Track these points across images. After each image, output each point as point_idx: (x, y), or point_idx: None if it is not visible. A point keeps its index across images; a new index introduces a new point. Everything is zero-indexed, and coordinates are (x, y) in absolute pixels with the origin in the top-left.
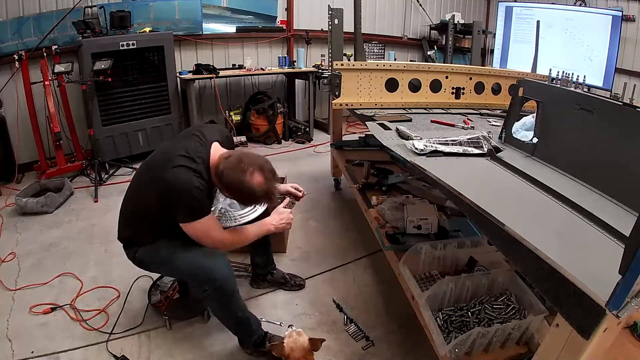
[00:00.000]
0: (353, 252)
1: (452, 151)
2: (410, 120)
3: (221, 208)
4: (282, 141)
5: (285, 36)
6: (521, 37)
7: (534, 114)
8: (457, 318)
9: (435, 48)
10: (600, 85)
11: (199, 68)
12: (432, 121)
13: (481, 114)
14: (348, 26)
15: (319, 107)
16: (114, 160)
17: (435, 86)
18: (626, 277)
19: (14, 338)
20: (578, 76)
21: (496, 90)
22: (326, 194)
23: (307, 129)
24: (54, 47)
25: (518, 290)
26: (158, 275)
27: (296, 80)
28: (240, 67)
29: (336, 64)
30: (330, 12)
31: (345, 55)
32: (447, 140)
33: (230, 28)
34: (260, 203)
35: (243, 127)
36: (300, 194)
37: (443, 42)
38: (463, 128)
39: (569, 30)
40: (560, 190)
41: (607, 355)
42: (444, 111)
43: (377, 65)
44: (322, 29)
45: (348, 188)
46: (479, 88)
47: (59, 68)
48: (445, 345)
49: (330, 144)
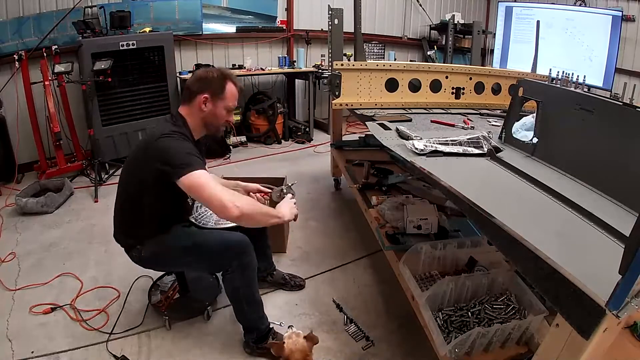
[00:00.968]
0: (353, 252)
1: (452, 151)
2: (410, 120)
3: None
4: (282, 141)
5: (285, 36)
6: (521, 37)
7: (534, 114)
8: (457, 318)
9: (435, 48)
10: (600, 85)
11: (199, 68)
12: (432, 121)
13: (481, 114)
14: (348, 26)
15: (319, 107)
16: (114, 160)
17: (435, 86)
18: (626, 277)
19: (14, 338)
20: (578, 76)
21: (496, 90)
22: (326, 194)
23: (307, 129)
24: (54, 47)
25: (518, 290)
26: (157, 275)
27: (296, 80)
28: (240, 67)
29: (336, 64)
30: (330, 12)
31: (345, 55)
32: (447, 140)
33: (230, 28)
34: (223, 80)
35: (243, 127)
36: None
37: (443, 42)
38: (463, 128)
39: (569, 30)
40: (560, 190)
41: (607, 355)
42: (444, 111)
43: (377, 65)
44: (322, 29)
45: (348, 188)
46: (479, 88)
47: (59, 68)
48: (445, 345)
49: (330, 144)
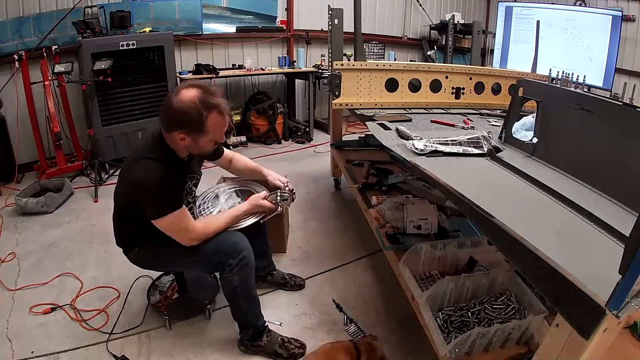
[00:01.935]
0: (353, 252)
1: (452, 151)
2: (410, 120)
3: (221, 209)
4: (282, 141)
5: (285, 36)
6: (521, 37)
7: (534, 114)
8: (457, 318)
9: (435, 48)
10: (600, 85)
11: (199, 68)
12: (432, 121)
13: (481, 114)
14: (348, 26)
15: (319, 107)
16: (114, 160)
17: (435, 86)
18: (626, 277)
19: (14, 338)
20: (578, 76)
21: (496, 90)
22: (326, 194)
23: (307, 129)
24: (54, 47)
25: (518, 290)
26: (157, 275)
27: (296, 80)
28: (240, 67)
29: (336, 64)
30: (330, 12)
31: (345, 55)
32: (447, 140)
33: (230, 28)
34: (202, 116)
35: (243, 127)
36: (285, 188)
37: (443, 42)
38: (463, 128)
39: (569, 30)
40: (560, 190)
41: (607, 355)
42: (444, 111)
43: (377, 65)
44: (322, 29)
45: (348, 188)
46: (479, 88)
47: (59, 68)
48: (445, 345)
49: (330, 144)
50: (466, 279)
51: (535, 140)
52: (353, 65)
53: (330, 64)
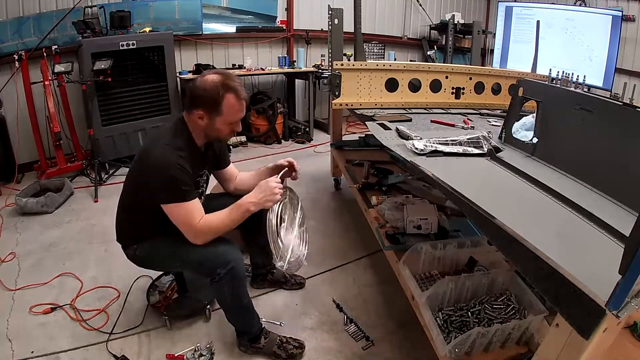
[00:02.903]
0: (353, 252)
1: (452, 151)
2: (410, 120)
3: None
4: (282, 141)
5: (285, 36)
6: (521, 37)
7: (534, 114)
8: (457, 318)
9: (435, 48)
10: (600, 85)
11: (199, 68)
12: (432, 121)
13: (481, 114)
14: (348, 26)
15: (319, 107)
16: (114, 160)
17: (435, 86)
18: (626, 277)
19: (14, 338)
20: (578, 76)
21: (496, 90)
22: (326, 194)
23: (307, 129)
24: (54, 47)
25: (518, 290)
26: (157, 274)
27: (296, 80)
28: (240, 67)
29: (336, 64)
30: (330, 12)
31: (345, 55)
32: (447, 140)
33: (230, 28)
34: (220, 95)
35: (243, 127)
36: (294, 168)
37: (443, 42)
38: (463, 128)
39: (569, 30)
40: (560, 190)
41: (607, 355)
42: (444, 111)
43: (377, 65)
44: (322, 29)
45: (348, 188)
46: (479, 88)
47: (59, 68)
48: (445, 345)
49: (330, 144)
50: (466, 279)
51: (535, 140)
52: (353, 65)
53: (330, 64)
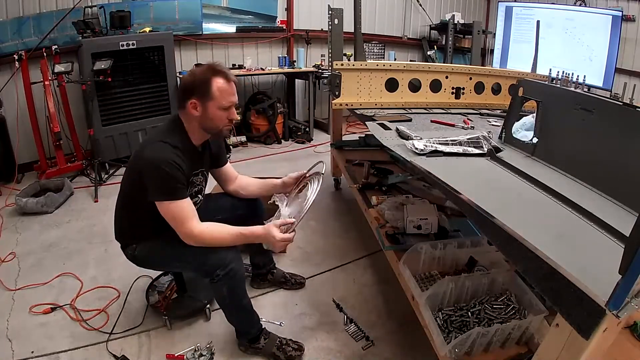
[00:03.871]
0: (353, 252)
1: (452, 151)
2: (410, 120)
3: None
4: (282, 141)
5: (285, 36)
6: (521, 37)
7: (534, 114)
8: (457, 318)
9: (435, 48)
10: (600, 85)
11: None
12: (432, 121)
13: (481, 114)
14: (348, 26)
15: (319, 107)
16: (114, 160)
17: (435, 86)
18: (626, 277)
19: (14, 338)
20: (578, 76)
21: (496, 90)
22: (326, 194)
23: (307, 129)
24: (54, 47)
25: (518, 290)
26: (157, 274)
27: (296, 80)
28: (240, 67)
29: (336, 64)
30: (330, 12)
31: (345, 55)
32: (447, 140)
33: (230, 28)
34: (208, 78)
35: (243, 127)
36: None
37: (443, 42)
38: (463, 128)
39: (569, 30)
40: (560, 190)
41: (607, 355)
42: (444, 111)
43: (377, 65)
44: (322, 29)
45: (348, 188)
46: (479, 88)
47: (59, 68)
48: (445, 345)
49: (330, 144)
50: (466, 279)
51: (535, 140)
52: (353, 65)
53: (330, 64)
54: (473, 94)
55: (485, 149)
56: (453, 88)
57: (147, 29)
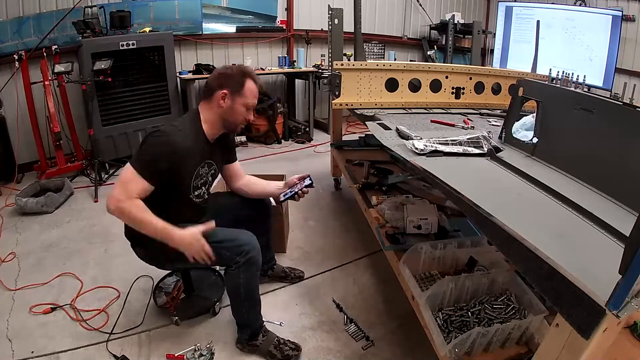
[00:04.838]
0: (353, 252)
1: (452, 151)
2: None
3: None
4: (282, 141)
5: (285, 36)
6: (521, 37)
7: (534, 114)
8: (457, 318)
9: (435, 48)
10: (600, 85)
11: (199, 68)
12: (432, 121)
13: (481, 114)
14: (348, 26)
15: (319, 107)
16: (114, 160)
17: (435, 86)
18: (626, 277)
19: (14, 338)
20: (578, 76)
21: (496, 90)
22: (326, 194)
23: (307, 129)
24: (54, 47)
25: (518, 290)
26: (158, 275)
27: (296, 80)
28: None
29: (336, 64)
30: (330, 12)
31: (345, 55)
32: (447, 140)
33: (230, 28)
34: (242, 78)
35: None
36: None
37: (443, 42)
38: (463, 128)
39: (569, 30)
40: (560, 190)
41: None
42: (444, 111)
43: (377, 65)
44: (322, 29)
45: (348, 188)
46: (479, 88)
47: (59, 68)
48: (445, 345)
49: (330, 144)
50: (466, 279)
51: (535, 140)
52: (353, 65)
53: (330, 64)
54: (473, 94)
55: (485, 149)
56: (453, 88)
57: (147, 29)
